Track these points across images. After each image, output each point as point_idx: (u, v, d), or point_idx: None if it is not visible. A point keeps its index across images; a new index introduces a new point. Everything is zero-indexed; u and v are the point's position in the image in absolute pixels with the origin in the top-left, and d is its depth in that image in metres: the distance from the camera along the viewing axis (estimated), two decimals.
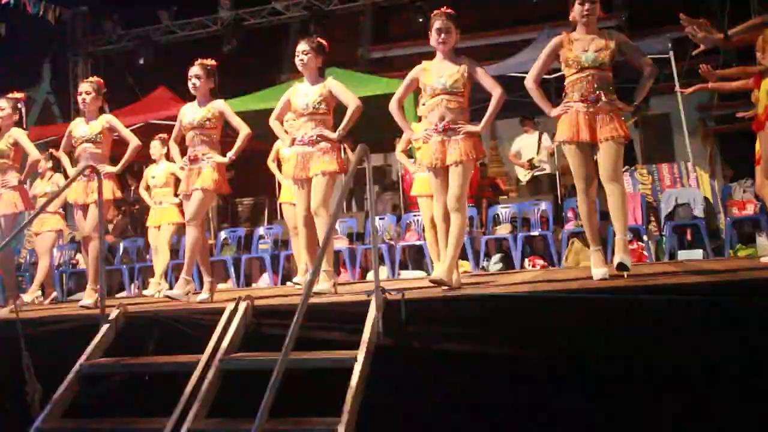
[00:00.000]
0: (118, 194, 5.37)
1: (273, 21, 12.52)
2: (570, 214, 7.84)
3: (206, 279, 4.97)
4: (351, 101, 4.60)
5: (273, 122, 4.81)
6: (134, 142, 5.29)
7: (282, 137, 4.85)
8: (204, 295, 4.80)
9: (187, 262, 4.83)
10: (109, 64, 13.02)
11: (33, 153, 5.48)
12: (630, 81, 4.24)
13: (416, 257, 8.33)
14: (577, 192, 4.08)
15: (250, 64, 12.54)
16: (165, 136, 7.09)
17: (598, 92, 3.94)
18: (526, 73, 4.30)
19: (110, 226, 9.55)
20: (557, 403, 3.31)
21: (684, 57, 9.10)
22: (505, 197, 9.49)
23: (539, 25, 10.49)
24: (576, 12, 4.05)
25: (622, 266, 3.78)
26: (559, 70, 4.25)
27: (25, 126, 5.68)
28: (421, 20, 11.22)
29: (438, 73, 4.26)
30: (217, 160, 4.83)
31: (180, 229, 7.25)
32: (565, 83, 4.09)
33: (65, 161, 5.47)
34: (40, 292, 6.84)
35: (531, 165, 9.05)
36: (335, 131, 4.58)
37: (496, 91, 4.24)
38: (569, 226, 7.62)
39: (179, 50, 12.58)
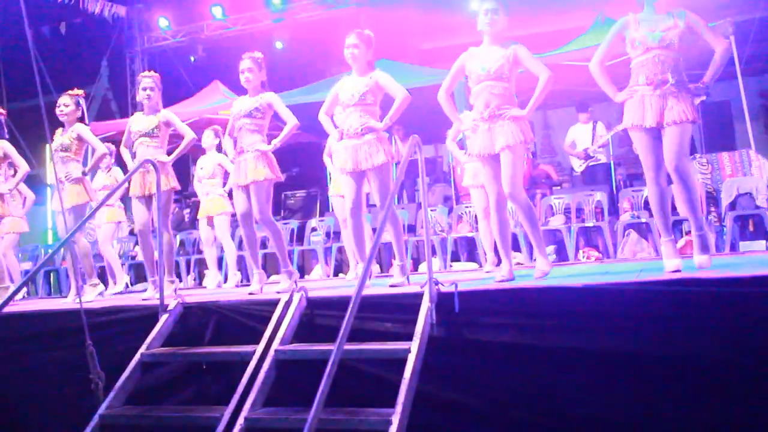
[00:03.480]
0: (177, 186, 5.43)
1: (323, 14, 12.56)
2: (626, 205, 7.69)
3: (256, 270, 5.02)
4: (398, 91, 4.54)
5: (322, 117, 4.77)
6: (189, 135, 5.33)
7: (331, 132, 4.77)
8: (255, 286, 4.87)
9: (282, 256, 4.90)
10: (164, 59, 13.28)
11: (100, 147, 5.62)
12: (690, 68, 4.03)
13: (468, 248, 8.30)
14: (646, 179, 3.90)
15: (300, 57, 12.64)
16: (218, 127, 7.20)
17: (664, 74, 3.75)
18: (579, 61, 4.19)
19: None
20: (615, 398, 3.26)
21: (746, 41, 8.81)
22: (558, 187, 9.35)
23: (593, 12, 10.27)
24: None
25: (701, 269, 3.57)
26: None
27: (87, 122, 5.84)
28: (472, 10, 11.17)
29: (482, 59, 4.17)
30: (260, 148, 4.79)
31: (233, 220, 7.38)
32: (631, 66, 3.91)
33: (126, 156, 5.59)
34: (127, 281, 7.13)
35: (586, 155, 8.91)
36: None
37: (543, 75, 4.10)
38: (625, 217, 7.48)
39: (231, 45, 12.75)
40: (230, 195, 7.04)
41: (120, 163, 7.55)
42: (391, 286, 4.28)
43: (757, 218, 7.04)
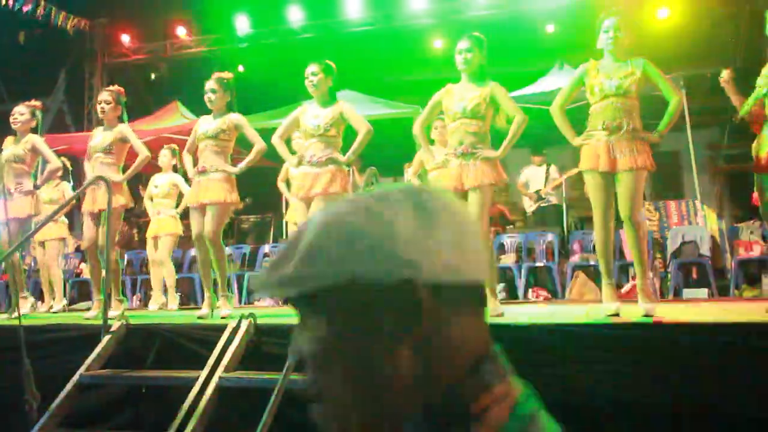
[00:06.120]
0: (129, 204, 5.35)
1: (287, 41, 12.60)
2: (576, 247, 7.83)
3: (207, 293, 4.95)
4: (362, 126, 4.59)
5: (276, 141, 4.75)
6: (143, 153, 5.24)
7: (286, 157, 4.79)
8: (204, 310, 4.79)
9: (223, 280, 4.85)
10: (125, 76, 13.12)
11: (54, 161, 5.50)
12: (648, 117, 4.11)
13: None
14: (594, 222, 3.96)
15: (263, 81, 12.65)
16: (175, 146, 7.10)
17: (619, 121, 3.83)
18: (536, 104, 4.28)
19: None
20: None
21: (696, 95, 9.15)
22: (512, 226, 9.48)
23: (554, 57, 10.56)
24: (601, 40, 3.96)
25: (646, 317, 3.59)
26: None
27: (40, 134, 5.70)
28: (437, 47, 11.39)
29: (460, 96, 4.21)
30: (227, 170, 4.79)
31: (180, 242, 7.24)
32: (590, 111, 3.99)
33: (88, 170, 5.48)
34: (66, 301, 6.91)
35: (538, 197, 9.07)
36: (343, 154, 4.60)
37: (517, 117, 4.19)
38: (574, 259, 7.61)
39: (194, 65, 12.69)
40: (182, 216, 6.95)
41: (68, 177, 7.42)
42: None
43: (700, 266, 7.24)
